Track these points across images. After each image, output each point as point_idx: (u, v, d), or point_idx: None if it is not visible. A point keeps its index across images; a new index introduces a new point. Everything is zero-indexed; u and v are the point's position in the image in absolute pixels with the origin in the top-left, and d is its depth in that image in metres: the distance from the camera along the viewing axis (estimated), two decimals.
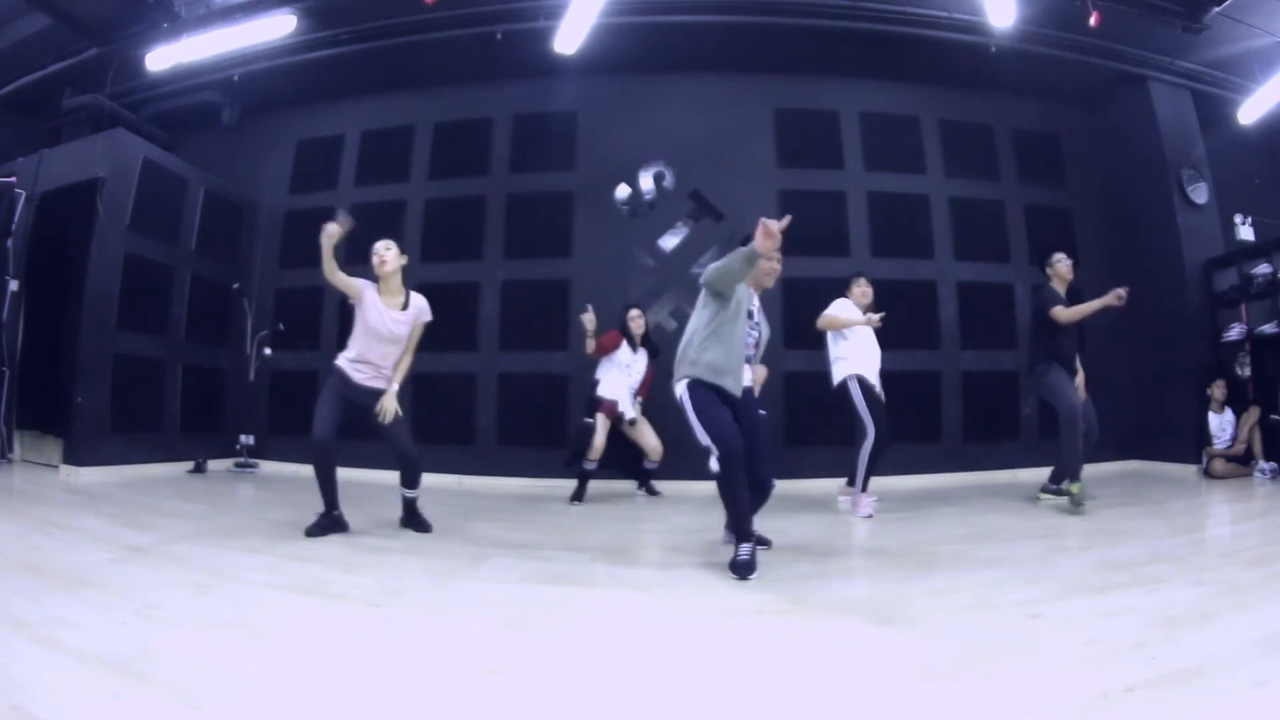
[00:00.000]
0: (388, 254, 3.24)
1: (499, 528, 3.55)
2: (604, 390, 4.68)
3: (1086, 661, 1.54)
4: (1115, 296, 3.83)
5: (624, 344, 4.77)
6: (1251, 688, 1.36)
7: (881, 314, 4.08)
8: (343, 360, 3.21)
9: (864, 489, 3.99)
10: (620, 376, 4.72)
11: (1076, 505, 3.78)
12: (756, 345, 2.94)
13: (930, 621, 1.91)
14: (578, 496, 4.54)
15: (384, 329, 3.21)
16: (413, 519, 3.35)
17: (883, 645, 1.73)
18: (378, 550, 2.84)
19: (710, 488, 2.60)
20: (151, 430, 5.43)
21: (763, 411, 2.95)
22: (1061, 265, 4.20)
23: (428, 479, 3.35)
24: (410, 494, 3.33)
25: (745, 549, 2.46)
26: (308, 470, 3.15)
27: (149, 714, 1.27)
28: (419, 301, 3.33)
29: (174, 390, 5.63)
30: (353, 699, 1.38)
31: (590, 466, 4.59)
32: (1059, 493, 4.12)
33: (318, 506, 3.14)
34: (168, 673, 1.45)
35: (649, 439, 4.75)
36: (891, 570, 2.60)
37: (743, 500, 2.53)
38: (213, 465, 5.71)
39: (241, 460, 5.91)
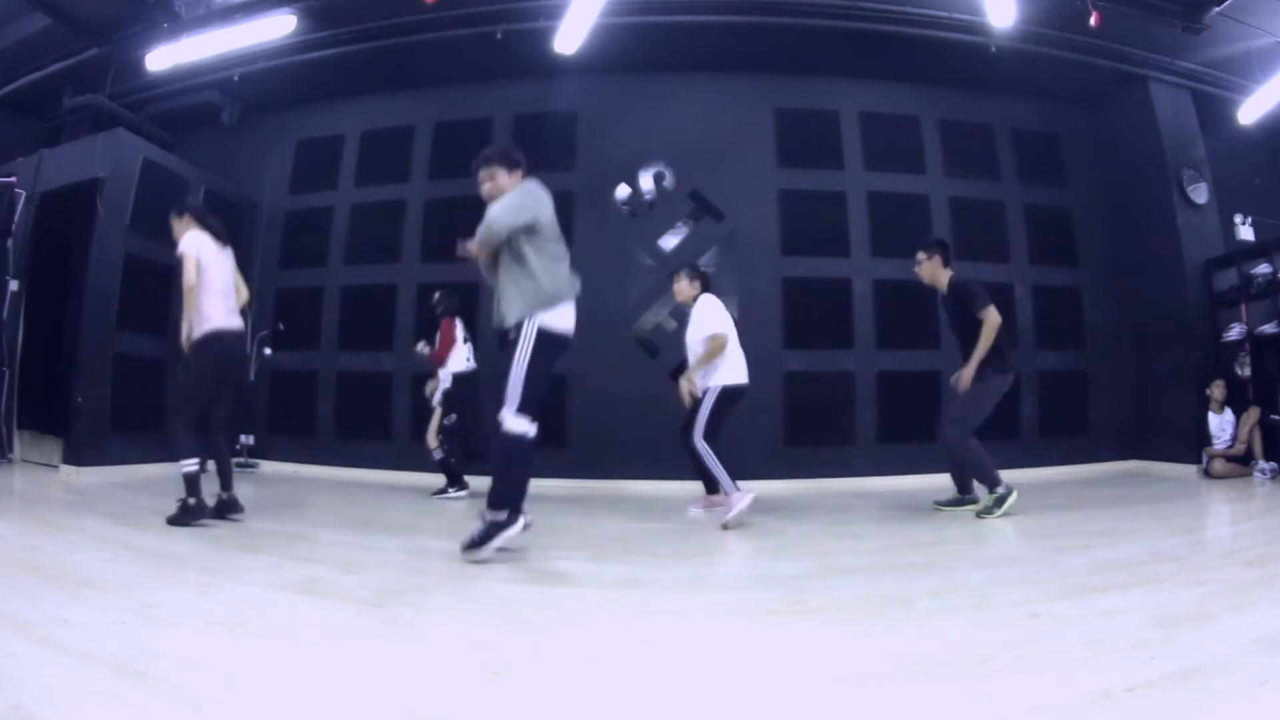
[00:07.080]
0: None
1: None
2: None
3: (1086, 661, 1.54)
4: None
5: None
6: (1251, 688, 1.36)
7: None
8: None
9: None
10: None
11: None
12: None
13: (930, 621, 1.91)
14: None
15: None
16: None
17: (883, 645, 1.73)
18: (378, 550, 2.84)
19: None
20: (151, 430, 5.43)
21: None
22: (920, 267, 4.11)
23: (428, 479, 3.34)
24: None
25: (514, 522, 2.73)
26: (308, 470, 3.11)
27: (149, 714, 1.27)
28: None
29: (174, 390, 5.63)
30: (354, 700, 1.38)
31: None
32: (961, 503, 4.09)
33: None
34: (168, 673, 1.45)
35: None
36: (891, 570, 2.60)
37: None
38: (213, 465, 5.69)
39: (241, 460, 5.88)
